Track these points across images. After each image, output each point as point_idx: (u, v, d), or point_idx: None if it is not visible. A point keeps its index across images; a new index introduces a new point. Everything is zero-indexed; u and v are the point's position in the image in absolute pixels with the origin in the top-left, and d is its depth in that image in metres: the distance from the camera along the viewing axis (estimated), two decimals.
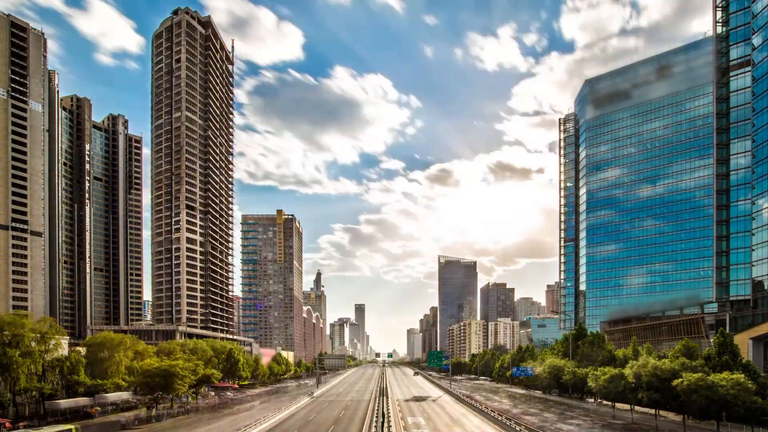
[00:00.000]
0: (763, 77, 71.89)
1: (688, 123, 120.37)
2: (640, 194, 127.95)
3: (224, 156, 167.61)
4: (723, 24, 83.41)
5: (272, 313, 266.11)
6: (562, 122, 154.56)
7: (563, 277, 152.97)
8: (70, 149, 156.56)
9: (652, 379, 51.23)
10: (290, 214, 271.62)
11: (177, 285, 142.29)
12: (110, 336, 70.84)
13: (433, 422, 51.39)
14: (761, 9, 72.62)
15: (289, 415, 58.37)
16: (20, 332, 52.54)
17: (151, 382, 62.14)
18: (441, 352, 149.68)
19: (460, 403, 71.68)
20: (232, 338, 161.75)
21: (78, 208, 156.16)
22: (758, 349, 69.11)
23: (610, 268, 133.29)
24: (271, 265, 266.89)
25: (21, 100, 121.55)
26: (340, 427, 48.78)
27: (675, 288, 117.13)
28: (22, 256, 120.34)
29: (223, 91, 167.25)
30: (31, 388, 54.00)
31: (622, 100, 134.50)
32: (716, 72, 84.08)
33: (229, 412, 67.17)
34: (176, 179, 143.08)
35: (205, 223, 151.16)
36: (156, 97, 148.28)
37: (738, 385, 42.00)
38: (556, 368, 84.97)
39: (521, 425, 44.51)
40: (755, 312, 74.30)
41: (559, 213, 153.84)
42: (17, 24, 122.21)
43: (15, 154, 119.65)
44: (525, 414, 61.55)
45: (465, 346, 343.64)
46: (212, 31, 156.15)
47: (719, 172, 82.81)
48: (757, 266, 73.02)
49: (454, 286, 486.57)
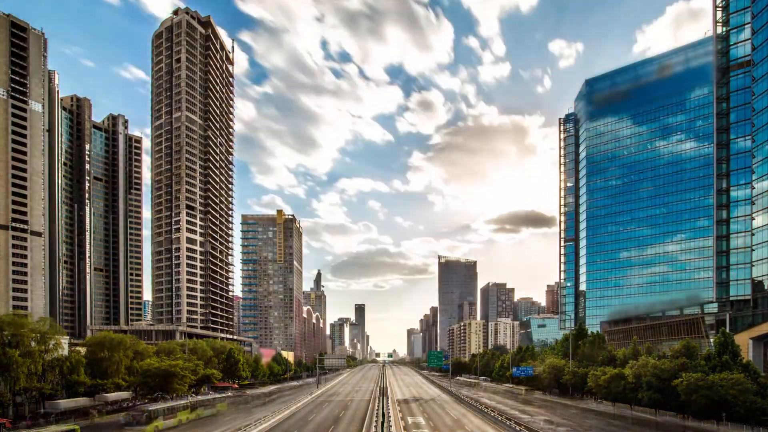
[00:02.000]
0: (763, 77, 71.89)
1: (688, 123, 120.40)
2: (641, 194, 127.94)
3: (224, 156, 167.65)
4: (723, 24, 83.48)
5: (272, 313, 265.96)
6: (562, 122, 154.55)
7: (563, 277, 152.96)
8: (70, 149, 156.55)
9: (652, 379, 51.27)
10: (290, 214, 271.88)
11: (177, 285, 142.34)
12: (110, 336, 70.81)
13: (433, 422, 51.39)
14: (761, 9, 72.62)
15: (290, 414, 58.37)
16: (20, 332, 52.51)
17: (150, 382, 62.19)
18: (441, 352, 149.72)
19: (460, 403, 71.70)
20: (232, 338, 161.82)
21: (78, 208, 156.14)
22: (758, 349, 69.09)
23: (610, 268, 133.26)
24: (271, 265, 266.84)
25: (21, 100, 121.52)
26: (340, 427, 48.79)
27: (675, 288, 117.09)
28: (22, 256, 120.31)
29: (223, 91, 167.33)
30: (31, 388, 53.98)
31: (622, 99, 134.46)
32: (716, 72, 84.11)
33: (228, 411, 67.14)
34: (176, 179, 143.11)
35: (205, 223, 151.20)
36: (156, 97, 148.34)
37: (738, 385, 42.02)
38: (556, 368, 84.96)
39: (521, 425, 44.51)
40: (755, 312, 74.31)
41: (559, 213, 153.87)
42: (17, 24, 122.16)
43: (15, 154, 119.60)
44: (523, 413, 61.52)
45: (465, 346, 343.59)
46: (212, 31, 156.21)
47: (719, 172, 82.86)
48: (757, 266, 73.03)
49: (454, 286, 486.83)
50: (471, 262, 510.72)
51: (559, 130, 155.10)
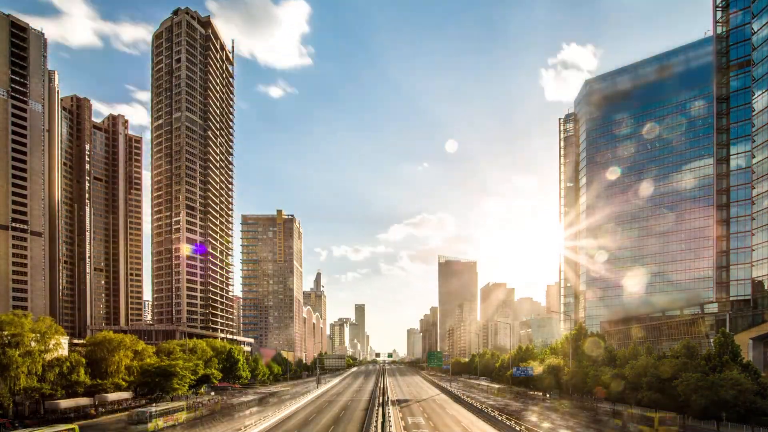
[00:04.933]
0: (763, 77, 71.91)
1: (688, 123, 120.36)
2: (641, 194, 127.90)
3: (224, 156, 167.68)
4: (723, 24, 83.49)
5: (272, 313, 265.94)
6: (562, 122, 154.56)
7: (563, 277, 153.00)
8: (70, 149, 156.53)
9: (652, 379, 51.23)
10: (290, 214, 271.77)
11: (177, 285, 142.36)
12: (110, 336, 70.75)
13: (432, 422, 51.36)
14: (761, 9, 72.63)
15: (290, 414, 58.37)
16: (20, 332, 52.46)
17: (150, 382, 62.10)
18: (441, 352, 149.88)
19: (460, 403, 71.67)
20: (232, 338, 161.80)
21: (78, 208, 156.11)
22: (758, 349, 69.10)
23: (610, 268, 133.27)
24: (270, 265, 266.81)
25: (21, 100, 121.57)
26: (340, 426, 48.78)
27: (675, 288, 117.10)
28: (22, 256, 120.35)
29: (223, 91, 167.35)
30: (31, 388, 53.94)
31: (622, 100, 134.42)
32: (716, 72, 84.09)
33: (228, 411, 67.10)
34: (176, 179, 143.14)
35: (205, 223, 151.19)
36: (156, 97, 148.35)
37: (738, 385, 41.97)
38: (556, 368, 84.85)
39: (521, 425, 44.51)
40: (755, 312, 74.33)
41: (559, 213, 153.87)
42: (17, 24, 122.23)
43: (15, 154, 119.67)
44: (523, 413, 61.47)
45: (465, 346, 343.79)
46: (212, 31, 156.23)
47: (719, 172, 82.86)
48: (757, 266, 73.05)
49: (454, 286, 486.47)
50: (471, 262, 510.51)
51: (559, 130, 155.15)
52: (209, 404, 67.56)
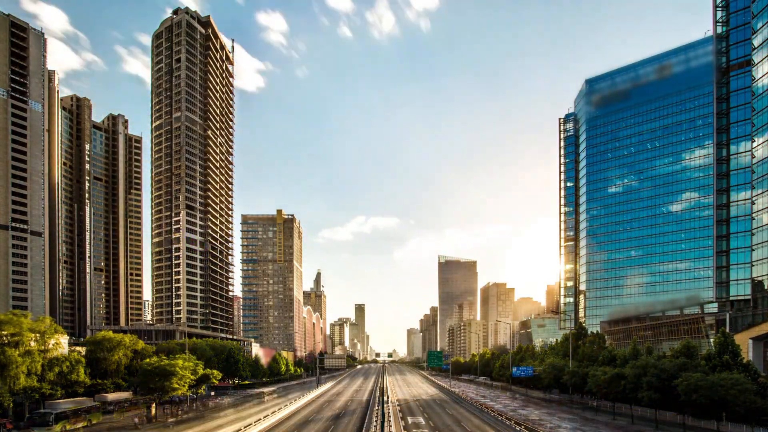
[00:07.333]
0: (763, 77, 71.85)
1: (688, 123, 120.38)
2: (640, 194, 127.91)
3: (224, 156, 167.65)
4: (723, 24, 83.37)
5: (272, 313, 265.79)
6: (562, 122, 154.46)
7: (563, 277, 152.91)
8: (70, 149, 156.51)
9: (652, 379, 51.15)
10: (290, 214, 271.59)
11: (177, 285, 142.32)
12: (110, 335, 70.75)
13: (432, 422, 51.36)
14: (761, 9, 72.57)
15: (290, 414, 58.38)
16: (19, 331, 52.39)
17: (150, 382, 61.97)
18: (441, 352, 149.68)
19: (460, 403, 71.69)
20: (232, 338, 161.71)
21: (78, 208, 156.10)
22: (758, 349, 69.01)
23: (610, 268, 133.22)
24: (271, 265, 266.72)
25: (21, 100, 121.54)
26: (340, 426, 48.76)
27: (675, 288, 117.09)
28: (22, 256, 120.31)
29: (223, 91, 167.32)
30: (31, 388, 53.89)
31: (622, 99, 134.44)
32: (716, 72, 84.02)
33: (228, 411, 67.09)
34: (176, 179, 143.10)
35: (205, 222, 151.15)
36: (156, 97, 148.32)
37: (738, 385, 41.92)
38: (556, 368, 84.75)
39: (521, 425, 44.50)
40: (755, 312, 74.27)
41: (559, 213, 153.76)
42: (17, 24, 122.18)
43: (15, 154, 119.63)
44: (523, 413, 61.47)
45: (465, 346, 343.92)
46: (212, 31, 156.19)
47: (719, 172, 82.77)
48: (757, 266, 72.96)
49: (454, 286, 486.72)
50: (471, 262, 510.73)
51: (559, 130, 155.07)
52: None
